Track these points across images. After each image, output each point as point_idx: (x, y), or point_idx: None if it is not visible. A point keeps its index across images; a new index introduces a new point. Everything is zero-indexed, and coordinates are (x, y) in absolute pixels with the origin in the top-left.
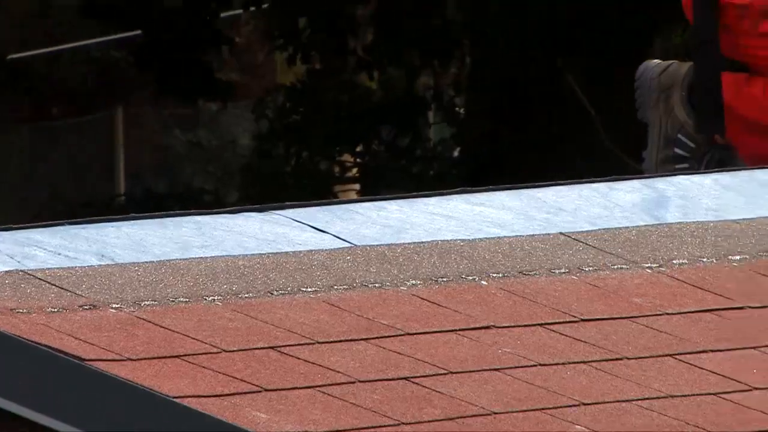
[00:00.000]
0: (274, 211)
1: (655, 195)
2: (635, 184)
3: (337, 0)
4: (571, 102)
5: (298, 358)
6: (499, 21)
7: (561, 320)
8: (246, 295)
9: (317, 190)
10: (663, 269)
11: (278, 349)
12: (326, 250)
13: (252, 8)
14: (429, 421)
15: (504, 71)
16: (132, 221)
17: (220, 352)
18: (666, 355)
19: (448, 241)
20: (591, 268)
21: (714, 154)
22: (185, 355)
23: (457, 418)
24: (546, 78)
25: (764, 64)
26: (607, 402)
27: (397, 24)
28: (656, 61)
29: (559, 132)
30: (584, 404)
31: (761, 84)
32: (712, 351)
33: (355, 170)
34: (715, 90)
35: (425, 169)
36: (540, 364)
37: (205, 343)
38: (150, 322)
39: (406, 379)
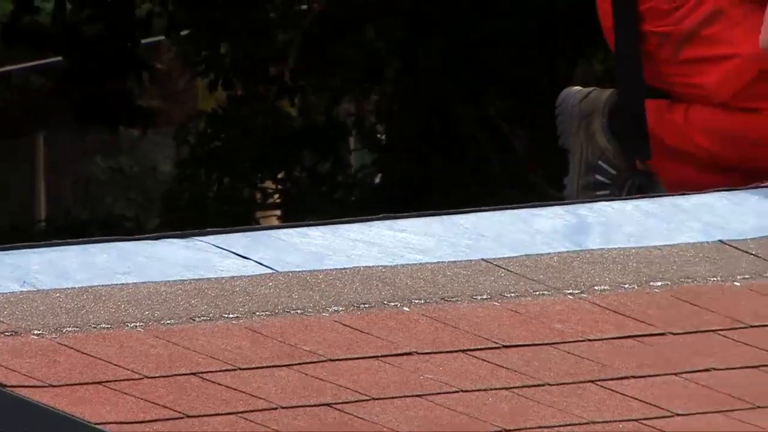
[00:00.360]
0: (196, 238)
1: (576, 221)
2: (557, 210)
3: (258, 25)
4: (492, 128)
5: (220, 384)
6: (419, 48)
7: (483, 346)
8: (168, 322)
9: (239, 217)
10: (584, 295)
11: (200, 375)
12: (248, 276)
13: (173, 34)
14: None
15: (425, 98)
16: (54, 247)
17: (142, 379)
18: (588, 381)
19: (370, 267)
20: (513, 295)
21: (635, 180)
22: (107, 382)
23: None
24: (467, 105)
25: (684, 92)
26: (529, 428)
27: (319, 50)
28: (577, 87)
29: (480, 159)
30: (506, 430)
31: (682, 110)
32: (633, 377)
33: (276, 196)
34: (639, 116)
35: (346, 195)
36: (462, 390)
37: (127, 370)
38: (72, 348)
39: (328, 405)
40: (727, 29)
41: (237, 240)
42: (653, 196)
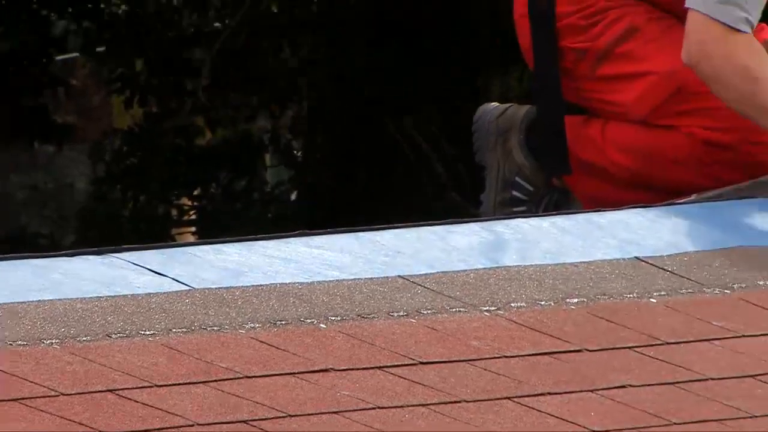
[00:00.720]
0: (112, 255)
1: (493, 238)
2: (473, 227)
3: (173, 43)
4: (407, 146)
5: (137, 401)
6: (332, 65)
7: (399, 363)
8: (84, 338)
9: (155, 234)
10: (501, 312)
11: (117, 392)
12: (165, 293)
13: (88, 51)
14: None
15: (339, 115)
16: None
17: (59, 396)
18: (504, 398)
19: (286, 284)
20: (429, 311)
21: (552, 197)
22: (23, 399)
23: None
24: (382, 122)
25: (602, 108)
26: None
27: (234, 67)
28: (494, 104)
29: (396, 176)
30: None
31: (599, 126)
32: (550, 394)
33: (192, 213)
34: (559, 133)
35: (263, 212)
36: (378, 407)
37: (43, 387)
38: None
39: (245, 422)
40: (642, 46)
41: (153, 257)
42: (570, 213)
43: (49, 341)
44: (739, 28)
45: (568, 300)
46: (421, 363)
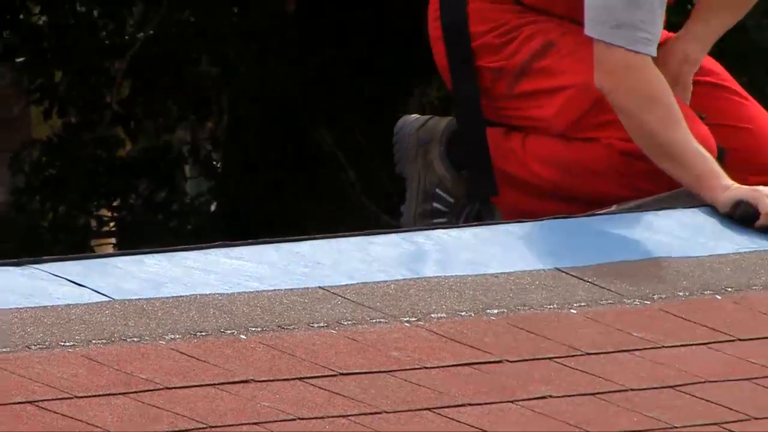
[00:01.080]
0: (31, 266)
1: (413, 249)
2: (394, 238)
3: (92, 53)
4: (327, 157)
5: (56, 413)
6: (252, 75)
7: (320, 374)
8: (3, 350)
9: (74, 245)
10: (421, 323)
11: (36, 403)
12: (84, 304)
13: (7, 61)
14: None
15: (260, 126)
16: None
17: None
18: (424, 409)
19: (206, 295)
20: (350, 322)
21: (472, 208)
22: None
23: None
24: (301, 133)
25: (523, 125)
26: None
27: (153, 77)
28: (415, 115)
29: (316, 187)
30: None
31: (520, 139)
32: (470, 404)
33: (112, 224)
34: (482, 153)
35: (183, 223)
36: (299, 418)
37: None
38: None
39: None
40: (559, 60)
41: (73, 268)
42: (490, 224)
43: None
44: (638, 51)
45: (488, 311)
46: (342, 374)
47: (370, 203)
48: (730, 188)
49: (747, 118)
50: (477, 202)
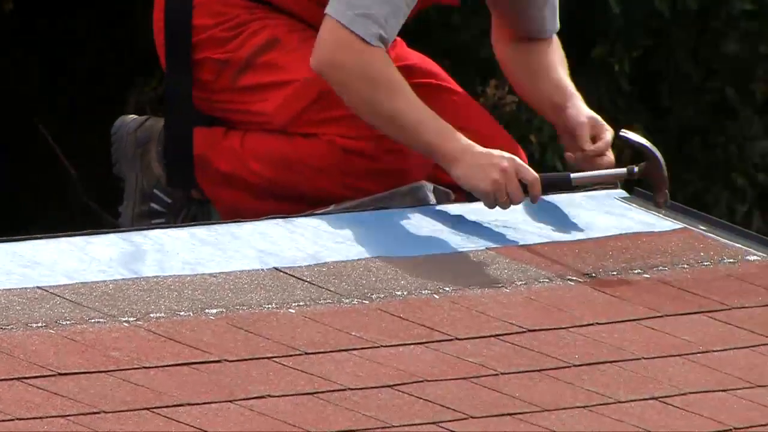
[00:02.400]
0: None
1: (132, 249)
2: (112, 238)
3: None
4: (48, 156)
5: None
6: None
7: (38, 374)
8: None
9: None
10: (140, 323)
11: None
12: None
13: None
14: None
15: None
16: None
17: None
18: (144, 409)
19: None
20: (68, 322)
21: (190, 209)
22: None
23: None
24: (24, 131)
25: (244, 119)
26: None
27: None
28: (133, 116)
29: (37, 186)
30: None
31: (239, 136)
32: (189, 404)
33: None
34: (185, 143)
35: None
36: (17, 419)
37: None
38: None
39: None
40: (284, 56)
41: None
42: (209, 224)
43: None
44: (371, 43)
45: (207, 310)
46: (60, 374)
47: (90, 203)
48: (459, 160)
49: (465, 117)
50: (194, 203)
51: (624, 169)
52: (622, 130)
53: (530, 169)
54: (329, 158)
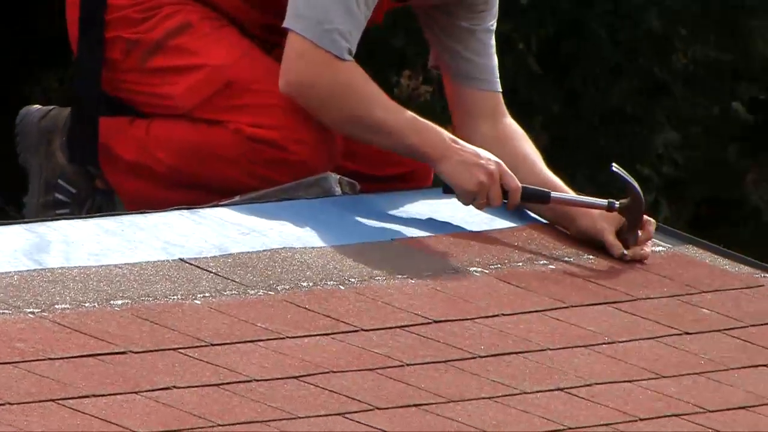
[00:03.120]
0: None
1: (37, 240)
2: (17, 228)
3: None
4: None
5: None
6: None
7: None
8: None
9: None
10: (45, 314)
11: None
12: None
13: None
14: None
15: None
16: None
17: None
18: (49, 400)
19: None
20: None
21: (94, 199)
22: None
23: None
24: None
25: (150, 102)
26: None
27: None
28: (37, 106)
29: None
30: None
31: (145, 125)
32: (94, 396)
33: None
34: (91, 122)
35: None
36: None
37: None
38: None
39: None
40: (195, 40)
41: None
42: (114, 215)
43: None
44: (344, 58)
45: (112, 302)
46: None
47: None
48: (446, 157)
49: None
50: (99, 193)
51: (605, 201)
52: (614, 165)
53: (514, 176)
54: (236, 147)
